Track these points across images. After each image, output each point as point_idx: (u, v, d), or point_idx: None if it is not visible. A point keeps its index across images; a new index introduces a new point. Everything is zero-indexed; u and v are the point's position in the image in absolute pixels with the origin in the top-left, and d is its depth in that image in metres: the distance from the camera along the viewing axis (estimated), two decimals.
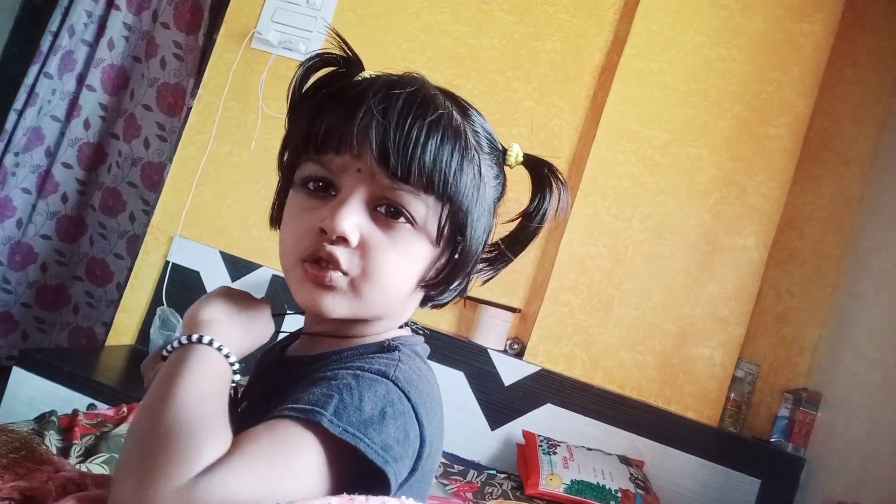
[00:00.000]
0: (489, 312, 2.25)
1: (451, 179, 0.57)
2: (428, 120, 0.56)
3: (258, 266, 2.42)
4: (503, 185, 0.66)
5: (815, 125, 2.29)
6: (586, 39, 2.40)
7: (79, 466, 1.11)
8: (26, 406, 1.89)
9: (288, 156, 0.64)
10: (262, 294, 2.30)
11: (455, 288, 0.65)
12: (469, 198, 0.59)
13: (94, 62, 2.73)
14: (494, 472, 2.05)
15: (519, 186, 0.70)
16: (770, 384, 2.28)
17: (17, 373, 1.94)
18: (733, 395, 2.18)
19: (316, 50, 0.64)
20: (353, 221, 0.56)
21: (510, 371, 2.19)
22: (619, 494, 1.84)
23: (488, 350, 2.20)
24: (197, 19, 2.70)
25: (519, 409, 2.17)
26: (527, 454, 2.00)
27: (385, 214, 0.57)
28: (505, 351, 2.24)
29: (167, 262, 2.46)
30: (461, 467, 2.01)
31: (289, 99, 0.65)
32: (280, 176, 0.66)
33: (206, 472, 0.45)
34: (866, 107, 2.33)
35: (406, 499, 0.51)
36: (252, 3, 2.55)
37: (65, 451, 1.45)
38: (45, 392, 1.92)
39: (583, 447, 2.03)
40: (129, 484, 0.45)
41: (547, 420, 2.14)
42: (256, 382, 0.69)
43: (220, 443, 0.47)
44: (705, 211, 2.23)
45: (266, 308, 0.65)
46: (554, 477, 1.87)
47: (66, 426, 1.57)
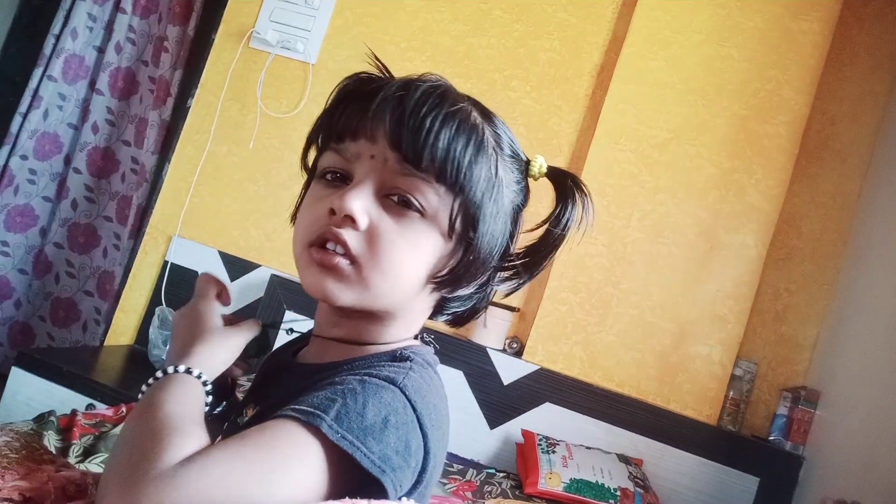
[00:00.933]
0: (488, 311, 2.23)
1: (463, 170, 0.56)
2: (445, 111, 0.56)
3: (257, 266, 2.42)
4: (525, 193, 0.65)
5: (813, 123, 2.30)
6: (585, 38, 2.40)
7: (78, 466, 1.11)
8: (25, 406, 1.89)
9: (312, 153, 0.64)
10: (261, 294, 2.31)
11: (470, 295, 0.65)
12: (482, 193, 0.58)
13: (102, 66, 2.67)
14: (493, 470, 2.05)
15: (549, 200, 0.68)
16: (769, 382, 2.29)
17: (16, 373, 1.94)
18: (732, 393, 2.18)
19: (361, 72, 0.62)
20: (361, 204, 0.56)
21: (509, 370, 2.19)
22: (618, 493, 1.84)
23: (487, 349, 2.20)
24: (187, 11, 2.65)
25: (518, 408, 2.17)
26: (526, 453, 2.00)
27: (397, 203, 0.57)
28: (504, 350, 2.24)
29: (166, 262, 2.45)
30: (460, 466, 2.01)
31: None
32: (306, 175, 0.66)
33: (188, 460, 0.46)
34: (865, 105, 2.33)
35: (407, 500, 0.51)
36: (250, 3, 2.55)
37: (64, 451, 1.45)
38: (44, 392, 1.92)
39: (582, 446, 2.03)
40: (112, 479, 0.46)
41: (546, 419, 2.14)
42: (263, 386, 0.68)
43: (199, 436, 0.49)
44: (704, 209, 2.23)
45: (232, 335, 0.63)
46: (553, 476, 1.87)
47: (65, 426, 1.57)
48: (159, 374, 0.56)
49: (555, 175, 0.66)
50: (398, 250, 0.57)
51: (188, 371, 0.56)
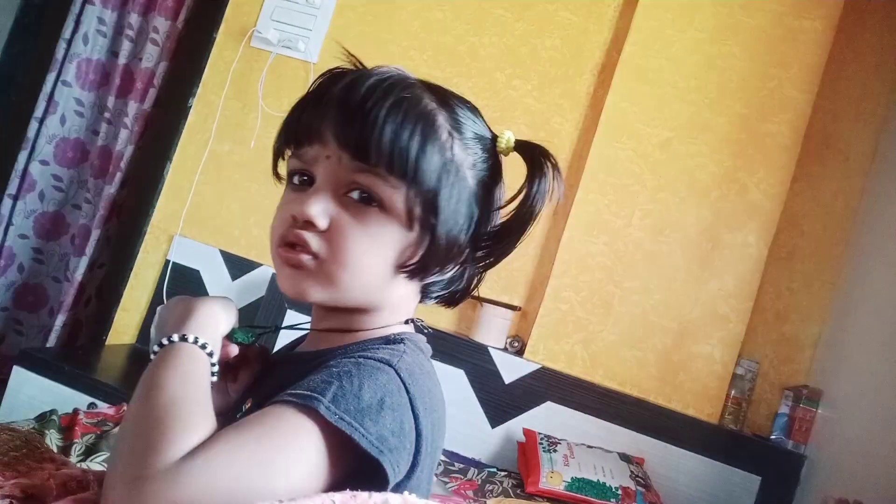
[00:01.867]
0: (489, 310, 2.25)
1: (412, 159, 0.57)
2: (388, 103, 0.57)
3: (258, 265, 2.42)
4: (491, 171, 0.65)
5: (815, 122, 2.29)
6: (586, 37, 2.40)
7: (79, 465, 1.11)
8: (27, 405, 1.89)
9: (279, 159, 0.67)
10: (262, 293, 2.31)
11: (450, 278, 0.65)
12: (437, 179, 0.59)
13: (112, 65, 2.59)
14: (495, 469, 2.05)
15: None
16: (770, 381, 2.28)
17: (18, 372, 1.94)
18: (734, 392, 2.18)
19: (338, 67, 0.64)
20: (320, 207, 0.58)
21: (510, 369, 2.19)
22: (620, 492, 1.84)
23: (489, 348, 2.20)
24: (178, 5, 2.59)
25: (519, 406, 2.17)
26: (527, 452, 2.00)
27: (358, 200, 0.59)
28: (505, 349, 2.24)
29: (167, 261, 2.46)
30: (462, 465, 2.01)
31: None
32: (278, 183, 0.69)
33: (191, 454, 0.46)
34: (867, 103, 2.33)
35: (408, 495, 0.51)
36: (252, 2, 2.55)
37: (65, 449, 1.45)
38: (46, 391, 1.92)
39: (583, 445, 2.03)
40: (119, 473, 0.46)
41: (547, 418, 2.14)
42: (262, 380, 0.69)
43: (204, 425, 0.49)
44: (705, 208, 2.23)
45: (222, 301, 0.65)
46: (554, 475, 1.87)
47: (67, 425, 1.57)
48: (155, 347, 0.57)
49: (523, 148, 0.66)
50: (358, 245, 0.58)
51: (190, 340, 0.57)
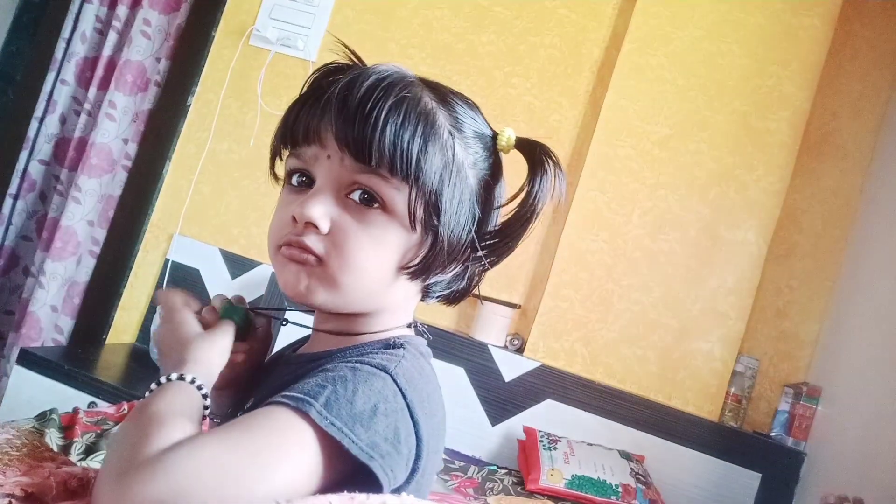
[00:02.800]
0: (489, 308, 2.25)
1: (413, 160, 0.56)
2: (389, 103, 0.56)
3: (258, 263, 2.42)
4: (492, 169, 0.65)
5: (814, 119, 2.29)
6: (585, 34, 2.39)
7: (79, 464, 1.11)
8: (27, 404, 1.89)
9: (277, 158, 0.66)
10: (262, 292, 2.31)
11: (452, 278, 0.65)
12: (439, 180, 0.58)
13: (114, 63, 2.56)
14: (495, 467, 2.06)
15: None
16: (770, 378, 2.28)
17: (18, 371, 1.94)
18: (733, 389, 2.18)
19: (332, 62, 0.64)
20: (321, 209, 0.57)
21: (510, 367, 2.19)
22: (620, 489, 1.84)
23: (488, 346, 2.20)
24: (177, 2, 2.57)
25: (519, 404, 2.17)
26: (527, 450, 2.00)
27: (359, 201, 0.58)
28: (505, 347, 2.25)
29: (167, 260, 2.46)
30: (462, 463, 2.01)
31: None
32: (276, 183, 0.68)
33: (177, 444, 0.46)
34: (866, 100, 2.33)
35: (406, 496, 0.51)
36: (250, 0, 2.54)
37: (66, 448, 1.45)
38: (46, 390, 1.92)
39: (583, 442, 2.03)
40: (104, 474, 0.46)
41: (547, 415, 2.15)
42: (263, 380, 0.69)
43: (190, 428, 0.49)
44: (705, 205, 2.23)
45: (217, 337, 0.62)
46: (555, 472, 1.87)
47: (67, 424, 1.57)
48: (153, 385, 0.56)
49: (524, 146, 0.65)
50: (362, 247, 0.58)
51: (181, 378, 0.56)
